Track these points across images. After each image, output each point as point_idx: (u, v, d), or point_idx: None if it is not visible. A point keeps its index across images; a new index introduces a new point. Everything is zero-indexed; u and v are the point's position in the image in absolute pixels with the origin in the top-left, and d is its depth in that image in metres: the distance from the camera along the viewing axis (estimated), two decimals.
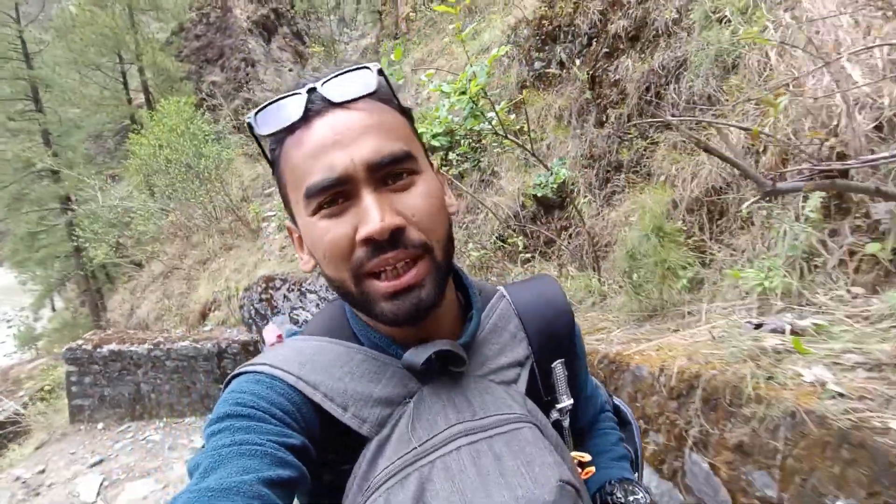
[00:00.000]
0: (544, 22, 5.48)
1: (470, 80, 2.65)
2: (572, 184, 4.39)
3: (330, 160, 0.66)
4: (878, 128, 2.04)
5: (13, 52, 17.55)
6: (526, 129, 3.71)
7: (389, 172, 0.68)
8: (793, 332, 1.82)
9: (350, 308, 0.80)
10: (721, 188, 2.85)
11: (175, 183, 11.83)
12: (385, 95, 0.74)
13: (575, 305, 3.39)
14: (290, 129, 0.70)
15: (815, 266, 2.15)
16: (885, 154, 1.19)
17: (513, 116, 3.98)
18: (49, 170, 17.47)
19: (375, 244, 0.65)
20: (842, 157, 2.04)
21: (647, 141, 3.76)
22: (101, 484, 6.36)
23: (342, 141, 0.67)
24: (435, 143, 3.30)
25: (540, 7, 5.67)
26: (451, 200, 0.79)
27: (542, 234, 4.51)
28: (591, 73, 4.74)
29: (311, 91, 0.70)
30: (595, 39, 4.84)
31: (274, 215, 10.93)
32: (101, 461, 6.89)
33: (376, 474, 0.67)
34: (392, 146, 0.68)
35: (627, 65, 4.30)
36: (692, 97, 3.26)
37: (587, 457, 0.85)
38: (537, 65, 5.56)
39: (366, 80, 0.71)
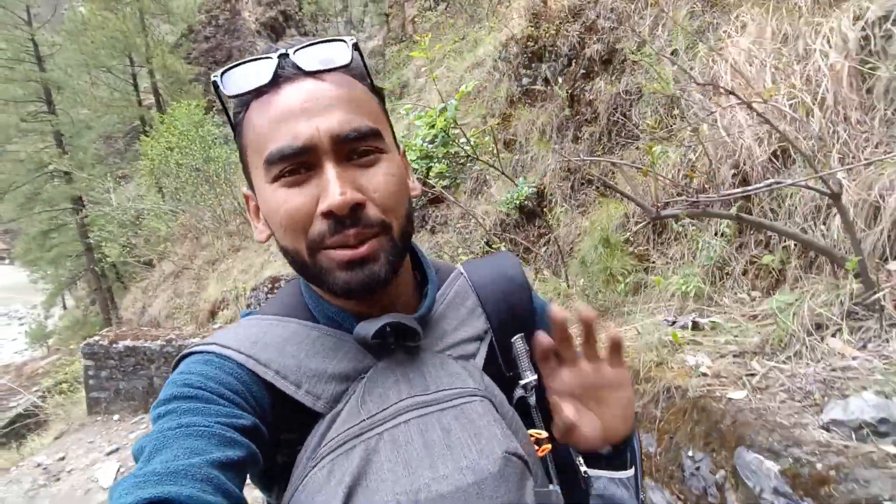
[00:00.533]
0: (530, 42, 5.89)
1: (440, 114, 3.11)
2: (550, 194, 4.82)
3: (295, 128, 0.65)
4: (773, 159, 2.47)
5: (26, 54, 17.87)
6: (499, 148, 4.12)
7: (355, 148, 0.67)
8: (694, 328, 2.26)
9: (305, 285, 0.79)
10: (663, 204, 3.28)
11: (185, 186, 12.25)
12: (358, 71, 0.73)
13: None
14: (258, 93, 0.69)
15: (727, 273, 2.58)
16: (738, 190, 1.62)
17: (487, 138, 4.41)
18: (61, 171, 17.83)
19: (336, 218, 0.65)
20: (744, 183, 2.48)
21: (612, 158, 4.17)
22: (119, 470, 6.75)
23: (310, 110, 0.66)
24: (415, 166, 3.76)
25: (527, 27, 6.06)
26: (413, 184, 0.80)
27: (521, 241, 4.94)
28: (570, 91, 5.14)
29: (283, 57, 0.69)
30: (574, 61, 5.25)
31: None
32: (117, 449, 7.28)
33: (323, 445, 0.66)
34: (360, 121, 0.67)
35: (600, 86, 4.72)
36: (645, 122, 3.69)
37: (544, 434, 0.81)
38: (525, 81, 5.97)
39: (340, 53, 0.70)
